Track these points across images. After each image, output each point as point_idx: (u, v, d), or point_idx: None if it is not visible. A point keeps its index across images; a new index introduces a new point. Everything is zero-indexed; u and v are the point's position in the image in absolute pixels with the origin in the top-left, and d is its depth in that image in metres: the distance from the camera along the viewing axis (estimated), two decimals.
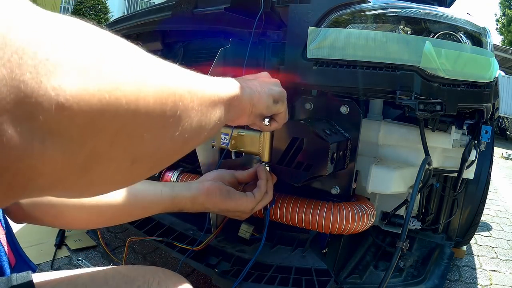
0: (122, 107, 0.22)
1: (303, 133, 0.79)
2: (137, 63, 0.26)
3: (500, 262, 1.78)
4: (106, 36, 0.24)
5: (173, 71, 0.31)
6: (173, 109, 0.28)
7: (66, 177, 0.22)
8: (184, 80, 0.31)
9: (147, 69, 0.26)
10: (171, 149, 0.31)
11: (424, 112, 0.78)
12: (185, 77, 0.32)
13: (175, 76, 0.30)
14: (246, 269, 0.89)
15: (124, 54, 0.25)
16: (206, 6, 1.00)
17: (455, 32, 0.84)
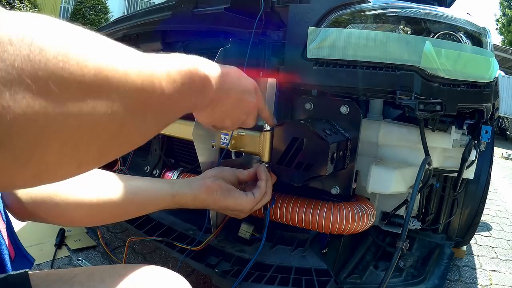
0: (68, 122, 0.25)
1: (303, 133, 0.79)
2: (82, 74, 0.27)
3: (500, 262, 1.78)
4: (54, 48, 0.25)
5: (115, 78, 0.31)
6: (118, 120, 0.30)
7: (18, 180, 0.25)
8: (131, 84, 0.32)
9: (92, 80, 0.27)
10: (119, 150, 0.33)
11: (424, 112, 0.78)
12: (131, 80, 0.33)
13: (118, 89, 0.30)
14: (246, 269, 0.89)
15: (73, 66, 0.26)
16: (206, 6, 1.00)
17: (455, 32, 0.84)
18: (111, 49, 0.30)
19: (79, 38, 0.26)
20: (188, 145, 1.32)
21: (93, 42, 0.28)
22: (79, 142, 0.27)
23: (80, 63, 0.25)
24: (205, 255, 1.03)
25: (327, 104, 0.93)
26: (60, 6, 9.16)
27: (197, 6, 1.03)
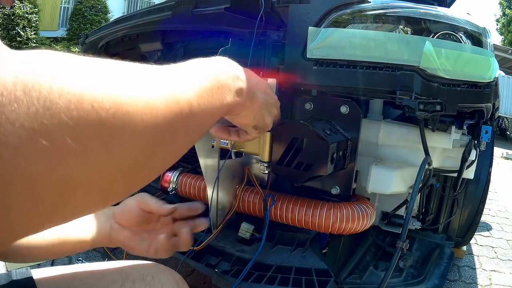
0: (89, 172, 0.23)
1: (303, 133, 0.79)
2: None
3: (500, 262, 1.78)
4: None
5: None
6: (146, 152, 0.27)
7: (44, 227, 0.23)
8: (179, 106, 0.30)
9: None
10: (148, 178, 0.30)
11: (424, 112, 0.78)
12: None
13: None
14: (246, 269, 0.89)
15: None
16: (206, 6, 1.00)
17: (455, 32, 0.84)
18: (125, 77, 0.27)
19: (88, 72, 0.23)
20: None
21: (105, 73, 0.25)
22: (104, 185, 0.24)
23: (95, 104, 0.22)
24: (205, 255, 1.03)
25: (327, 104, 0.93)
26: (60, 6, 9.15)
27: (197, 6, 1.03)
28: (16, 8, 7.29)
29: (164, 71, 0.32)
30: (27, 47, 7.64)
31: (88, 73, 0.23)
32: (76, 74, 0.22)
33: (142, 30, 1.35)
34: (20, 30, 7.40)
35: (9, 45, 5.85)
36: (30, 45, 7.67)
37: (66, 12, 9.28)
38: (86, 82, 0.22)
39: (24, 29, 7.48)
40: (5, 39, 7.21)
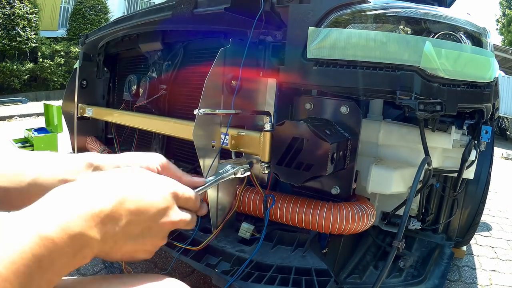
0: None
1: (303, 133, 0.79)
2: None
3: (500, 262, 1.78)
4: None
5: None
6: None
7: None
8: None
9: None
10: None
11: (424, 112, 0.78)
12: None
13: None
14: (242, 268, 0.89)
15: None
16: (206, 6, 1.00)
17: (455, 32, 0.84)
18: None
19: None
20: (188, 145, 1.33)
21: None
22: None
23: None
24: (205, 255, 1.03)
25: (327, 104, 0.93)
26: (60, 6, 9.15)
27: (197, 6, 1.03)
28: (16, 8, 7.29)
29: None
30: (27, 47, 7.64)
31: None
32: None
33: (142, 30, 1.35)
34: (20, 30, 7.39)
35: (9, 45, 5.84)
36: (30, 45, 7.67)
37: (66, 12, 9.28)
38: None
39: (24, 29, 7.48)
40: (5, 39, 7.21)
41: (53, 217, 0.33)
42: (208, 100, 0.86)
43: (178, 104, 1.37)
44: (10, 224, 0.31)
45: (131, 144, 1.61)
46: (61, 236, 0.32)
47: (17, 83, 7.58)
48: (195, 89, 1.25)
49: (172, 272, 1.40)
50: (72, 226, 0.33)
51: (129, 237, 0.40)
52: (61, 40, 8.85)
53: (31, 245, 0.30)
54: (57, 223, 0.33)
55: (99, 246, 0.36)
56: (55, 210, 0.34)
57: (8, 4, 7.24)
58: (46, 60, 7.93)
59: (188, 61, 1.33)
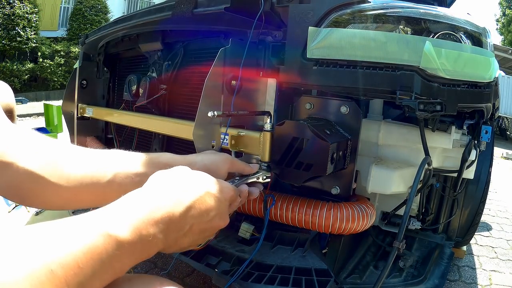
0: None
1: (303, 133, 0.79)
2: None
3: (500, 262, 1.78)
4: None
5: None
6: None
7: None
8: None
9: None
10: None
11: (424, 112, 0.78)
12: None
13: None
14: (242, 267, 0.89)
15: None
16: (206, 6, 1.00)
17: (455, 32, 0.84)
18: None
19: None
20: (188, 145, 1.32)
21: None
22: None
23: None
24: (205, 255, 1.03)
25: (327, 104, 0.93)
26: (60, 6, 9.15)
27: (197, 6, 1.03)
28: (16, 8, 7.29)
29: (34, 238, 0.29)
30: (27, 47, 7.64)
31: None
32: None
33: (142, 30, 1.35)
34: (20, 30, 7.39)
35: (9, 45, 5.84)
36: (30, 45, 7.67)
37: (66, 12, 9.28)
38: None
39: (24, 29, 7.48)
40: (5, 39, 7.21)
41: (126, 218, 0.36)
42: (208, 100, 0.86)
43: (178, 104, 1.37)
44: (80, 222, 0.33)
45: (131, 144, 1.61)
46: (132, 236, 0.35)
47: (17, 83, 7.58)
48: (195, 89, 1.25)
49: (172, 272, 1.40)
50: (143, 228, 0.37)
51: (188, 237, 0.45)
52: (61, 40, 8.85)
53: (96, 242, 0.32)
54: (130, 224, 0.36)
55: (163, 245, 0.41)
56: (128, 212, 0.37)
57: (8, 4, 7.23)
58: (46, 60, 7.93)
59: (188, 61, 1.33)
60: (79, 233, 0.32)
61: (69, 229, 0.32)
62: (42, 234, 0.30)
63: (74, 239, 0.31)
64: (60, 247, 0.30)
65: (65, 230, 0.32)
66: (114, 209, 0.37)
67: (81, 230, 0.33)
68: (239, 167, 0.64)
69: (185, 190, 0.45)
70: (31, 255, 0.27)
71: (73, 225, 0.33)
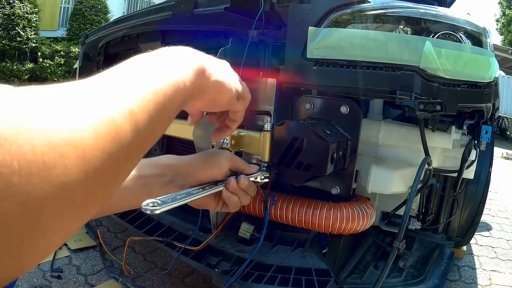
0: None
1: (303, 133, 0.79)
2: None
3: (500, 262, 1.78)
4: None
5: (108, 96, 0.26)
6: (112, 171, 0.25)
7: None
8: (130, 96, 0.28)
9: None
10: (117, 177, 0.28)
11: (424, 112, 0.78)
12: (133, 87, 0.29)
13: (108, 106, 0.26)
14: (242, 267, 0.89)
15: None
16: (206, 6, 1.00)
17: (455, 32, 0.84)
18: (53, 110, 0.23)
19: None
20: (188, 145, 1.32)
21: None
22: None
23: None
24: (205, 255, 1.03)
25: (327, 104, 0.93)
26: (60, 6, 9.14)
27: (197, 6, 1.03)
28: (16, 8, 7.29)
29: (94, 88, 0.28)
30: (27, 47, 7.64)
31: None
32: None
33: (142, 30, 1.36)
34: (20, 30, 7.39)
35: (9, 45, 5.84)
36: (30, 45, 7.67)
37: (66, 12, 9.28)
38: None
39: (24, 29, 7.48)
40: (5, 39, 7.21)
41: (186, 65, 0.39)
42: None
43: None
44: (155, 68, 0.34)
45: None
46: (188, 80, 0.38)
47: (17, 83, 7.58)
48: None
49: (172, 272, 1.40)
50: (189, 74, 0.39)
51: (214, 88, 0.46)
52: (61, 40, 8.84)
53: (165, 92, 0.33)
54: (191, 68, 0.39)
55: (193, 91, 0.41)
56: (183, 61, 0.39)
57: (8, 4, 7.23)
58: (46, 60, 7.93)
59: None
60: (161, 68, 0.34)
61: (149, 64, 0.34)
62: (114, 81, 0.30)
63: (158, 74, 0.33)
64: (142, 83, 0.31)
65: (144, 66, 0.33)
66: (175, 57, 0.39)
67: (163, 65, 0.35)
68: (240, 165, 0.65)
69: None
70: (102, 99, 0.27)
71: (152, 61, 0.35)
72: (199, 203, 0.62)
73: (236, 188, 0.62)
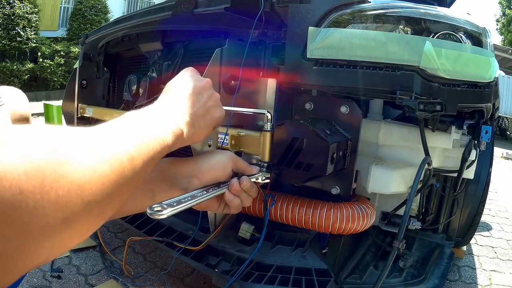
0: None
1: (303, 133, 0.79)
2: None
3: (500, 262, 1.78)
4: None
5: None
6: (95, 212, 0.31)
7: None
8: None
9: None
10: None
11: (424, 112, 0.78)
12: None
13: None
14: (242, 267, 0.89)
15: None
16: (206, 6, 1.00)
17: (455, 32, 0.84)
18: (71, 147, 0.30)
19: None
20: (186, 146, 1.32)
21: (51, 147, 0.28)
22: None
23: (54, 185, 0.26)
24: (205, 255, 1.03)
25: (327, 104, 0.93)
26: (60, 6, 9.14)
27: (197, 6, 1.03)
28: (16, 8, 7.29)
29: (102, 131, 0.36)
30: (27, 47, 7.63)
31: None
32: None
33: (142, 30, 1.35)
34: (20, 30, 7.39)
35: (9, 45, 5.84)
36: (30, 45, 7.66)
37: (66, 12, 9.27)
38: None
39: (24, 29, 7.47)
40: (5, 39, 7.21)
41: (177, 121, 0.49)
42: None
43: None
44: (150, 121, 0.44)
45: None
46: (186, 131, 0.50)
47: (17, 83, 7.58)
48: None
49: (172, 272, 1.40)
50: (188, 125, 0.51)
51: (201, 127, 0.55)
52: (61, 40, 8.84)
53: (166, 136, 0.44)
54: (179, 125, 0.49)
55: (189, 133, 0.51)
56: (173, 117, 0.49)
57: (8, 4, 7.23)
58: (46, 60, 7.92)
59: (188, 61, 1.33)
60: (152, 129, 0.43)
61: (144, 124, 0.42)
62: (121, 127, 0.39)
63: (149, 133, 0.42)
64: (139, 137, 0.39)
65: (140, 125, 0.41)
66: (169, 112, 0.49)
67: (153, 127, 0.43)
68: (242, 166, 0.65)
69: (183, 95, 0.55)
70: (113, 142, 0.35)
71: (146, 122, 0.43)
72: (202, 205, 0.62)
73: (239, 190, 0.62)
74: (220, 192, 0.60)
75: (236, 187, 0.61)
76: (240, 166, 0.65)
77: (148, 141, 0.40)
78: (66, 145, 0.29)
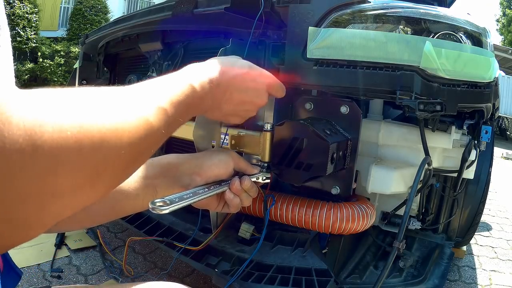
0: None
1: (303, 133, 0.79)
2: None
3: (500, 262, 1.78)
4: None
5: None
6: (123, 163, 0.34)
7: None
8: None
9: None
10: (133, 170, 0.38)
11: (424, 112, 0.78)
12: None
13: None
14: (242, 268, 0.89)
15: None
16: (206, 6, 1.00)
17: (455, 32, 0.84)
18: (106, 105, 0.32)
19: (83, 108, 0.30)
20: (188, 145, 1.32)
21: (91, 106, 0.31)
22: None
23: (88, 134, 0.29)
24: (205, 255, 1.03)
25: (327, 104, 0.93)
26: (60, 6, 9.14)
27: (197, 6, 1.03)
28: (16, 8, 7.29)
29: (133, 92, 0.38)
30: (27, 47, 7.64)
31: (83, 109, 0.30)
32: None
33: (142, 30, 1.36)
34: (20, 30, 7.39)
35: None
36: (30, 45, 7.67)
37: (66, 12, 9.27)
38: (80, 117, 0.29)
39: (24, 29, 7.47)
40: None
41: (198, 77, 0.50)
42: None
43: None
44: (172, 78, 0.46)
45: None
46: (200, 89, 0.48)
47: (17, 83, 7.56)
48: None
49: (172, 272, 1.40)
50: (205, 83, 0.50)
51: (229, 104, 0.56)
52: (61, 40, 8.84)
53: (185, 90, 0.45)
54: (200, 80, 0.49)
55: (211, 102, 0.53)
56: (195, 73, 0.50)
57: (8, 4, 7.23)
58: (46, 60, 7.93)
59: (188, 61, 1.32)
60: (175, 84, 0.44)
61: (166, 82, 0.44)
62: (146, 86, 0.41)
63: (174, 87, 0.43)
64: (165, 91, 0.41)
65: (162, 83, 0.43)
66: (189, 70, 0.51)
67: (176, 82, 0.45)
68: (243, 166, 0.66)
69: (231, 67, 0.57)
70: (144, 97, 0.38)
71: (167, 80, 0.45)
72: (201, 203, 0.62)
73: (239, 189, 0.62)
74: (221, 190, 0.60)
75: (237, 186, 0.61)
76: (241, 165, 0.65)
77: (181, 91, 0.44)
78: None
